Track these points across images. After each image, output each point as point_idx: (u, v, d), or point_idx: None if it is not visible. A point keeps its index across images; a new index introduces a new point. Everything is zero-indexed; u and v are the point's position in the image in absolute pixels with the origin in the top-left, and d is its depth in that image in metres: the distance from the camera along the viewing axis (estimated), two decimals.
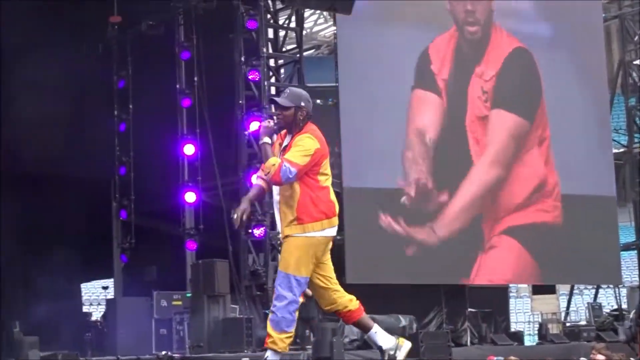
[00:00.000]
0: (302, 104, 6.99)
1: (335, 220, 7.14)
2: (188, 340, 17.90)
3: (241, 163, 19.40)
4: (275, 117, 7.18)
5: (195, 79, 20.85)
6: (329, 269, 7.29)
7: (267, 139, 7.01)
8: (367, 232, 19.98)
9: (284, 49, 21.20)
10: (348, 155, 20.26)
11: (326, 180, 7.06)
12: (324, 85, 22.49)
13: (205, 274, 17.47)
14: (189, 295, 18.74)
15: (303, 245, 6.85)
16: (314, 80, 22.19)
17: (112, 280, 23.84)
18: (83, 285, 26.53)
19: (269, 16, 20.39)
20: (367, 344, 16.79)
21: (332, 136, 21.38)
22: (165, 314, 18.88)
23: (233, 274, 18.55)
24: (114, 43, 22.38)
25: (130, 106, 22.48)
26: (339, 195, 20.36)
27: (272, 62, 20.58)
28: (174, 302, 19.19)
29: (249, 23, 19.54)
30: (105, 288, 26.78)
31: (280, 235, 7.14)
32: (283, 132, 7.16)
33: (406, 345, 7.47)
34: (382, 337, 7.40)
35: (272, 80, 20.42)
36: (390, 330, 17.43)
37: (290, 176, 6.76)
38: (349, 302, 7.29)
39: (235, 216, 6.97)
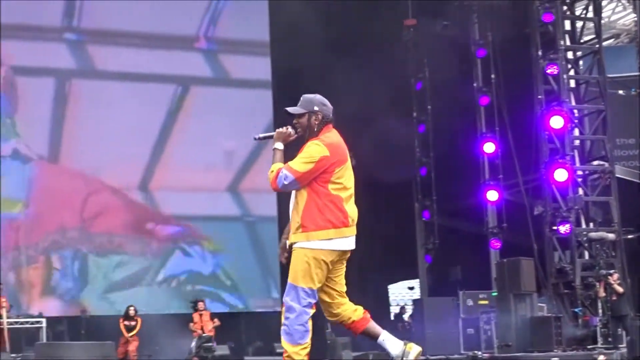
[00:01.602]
0: (316, 108, 6.66)
1: (348, 231, 6.67)
2: (496, 340, 17.79)
3: (542, 159, 19.09)
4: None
5: (492, 76, 20.74)
6: (337, 283, 6.86)
7: (279, 145, 6.69)
8: None
9: (581, 40, 20.62)
10: None
11: (340, 190, 6.63)
12: (625, 75, 21.74)
13: (510, 273, 17.31)
14: (494, 294, 18.64)
15: (310, 258, 6.55)
16: (615, 70, 21.49)
17: (417, 280, 24.09)
18: (390, 286, 26.95)
19: (565, 8, 19.91)
20: None
21: (636, 125, 20.66)
22: (472, 313, 18.85)
23: (539, 271, 18.30)
24: (410, 46, 22.63)
25: (429, 107, 22.65)
26: (637, 186, 19.72)
27: (570, 55, 20.08)
28: (480, 302, 19.14)
29: (545, 16, 19.19)
30: (411, 288, 27.10)
31: (288, 242, 6.77)
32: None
33: (415, 349, 7.04)
34: (390, 344, 6.95)
35: (571, 72, 19.93)
36: None
37: (286, 182, 6.50)
38: (353, 312, 6.87)
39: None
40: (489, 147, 21.01)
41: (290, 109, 6.73)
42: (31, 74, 20.91)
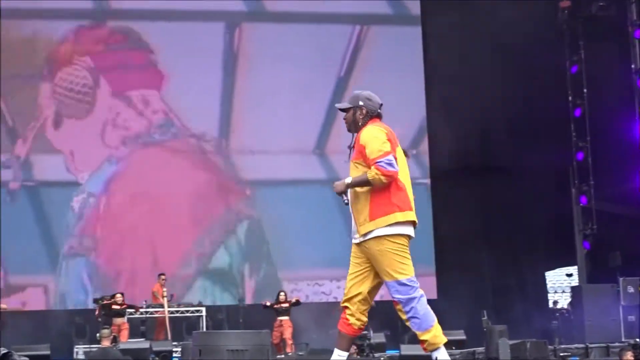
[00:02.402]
0: (360, 103, 6.82)
1: (411, 214, 6.64)
2: None
3: None
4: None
5: None
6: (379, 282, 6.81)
7: (347, 180, 6.68)
8: None
9: None
10: None
11: (399, 172, 6.60)
12: None
13: None
14: None
15: (390, 250, 6.56)
16: None
17: (575, 267, 23.66)
18: (547, 273, 26.57)
19: None
20: None
21: None
22: (633, 301, 18.46)
23: None
24: (565, 28, 22.20)
25: (585, 90, 22.19)
26: None
27: None
28: None
29: None
30: (569, 275, 26.63)
31: (356, 235, 6.71)
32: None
33: None
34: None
35: None
36: None
37: (387, 164, 6.46)
38: (359, 319, 6.81)
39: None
40: None
41: (337, 105, 6.98)
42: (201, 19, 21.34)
